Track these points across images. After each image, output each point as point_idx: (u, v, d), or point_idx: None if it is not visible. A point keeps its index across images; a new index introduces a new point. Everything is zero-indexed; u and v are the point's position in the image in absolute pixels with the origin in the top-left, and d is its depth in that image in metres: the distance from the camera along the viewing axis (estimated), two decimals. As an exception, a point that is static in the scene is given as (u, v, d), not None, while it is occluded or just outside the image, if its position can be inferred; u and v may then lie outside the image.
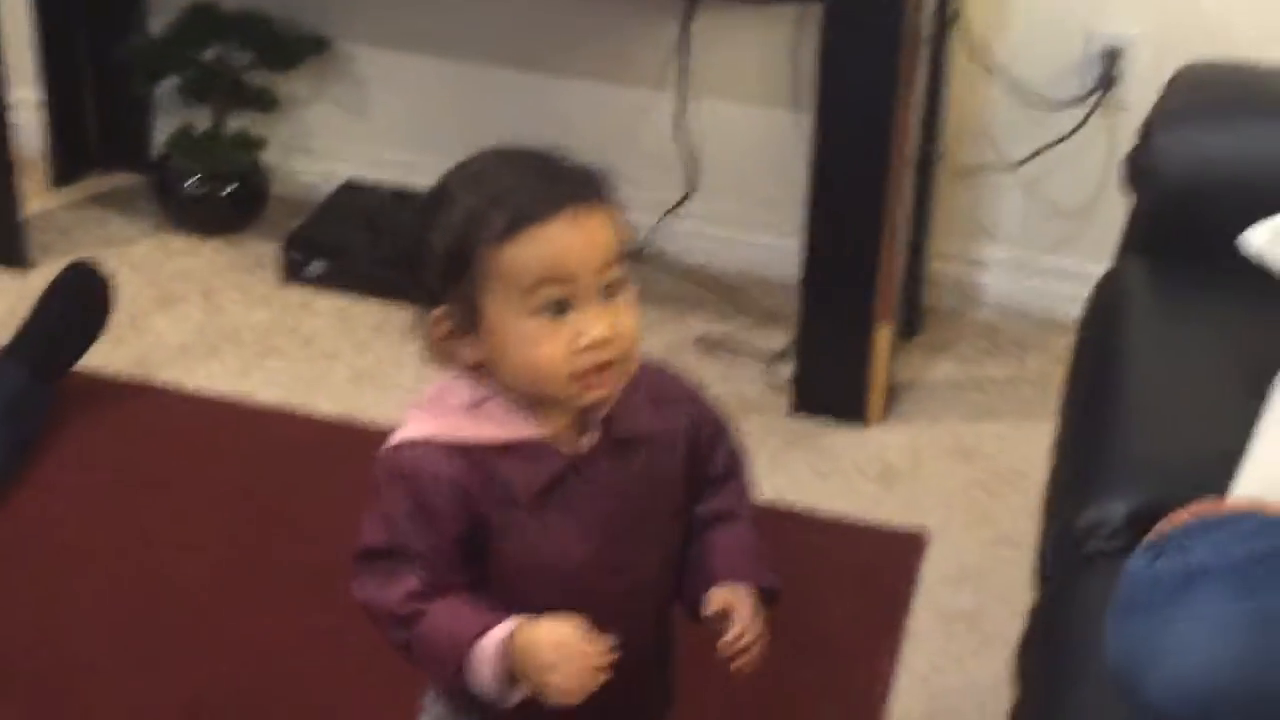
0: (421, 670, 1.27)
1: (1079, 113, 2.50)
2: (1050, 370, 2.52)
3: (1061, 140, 2.52)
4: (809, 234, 2.31)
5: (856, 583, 2.06)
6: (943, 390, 2.48)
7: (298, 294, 2.60)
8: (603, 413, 1.27)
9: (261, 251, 2.70)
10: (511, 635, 1.22)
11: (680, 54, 2.61)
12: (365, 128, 2.80)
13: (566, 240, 1.21)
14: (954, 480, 2.27)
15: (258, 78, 2.75)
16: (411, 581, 1.24)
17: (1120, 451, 1.55)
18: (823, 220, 2.29)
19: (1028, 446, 2.34)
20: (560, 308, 1.22)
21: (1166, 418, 1.58)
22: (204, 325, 2.52)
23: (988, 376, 2.52)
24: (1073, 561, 1.48)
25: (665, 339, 2.54)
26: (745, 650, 1.31)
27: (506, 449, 1.25)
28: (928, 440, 2.36)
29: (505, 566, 1.27)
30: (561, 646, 1.21)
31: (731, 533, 1.34)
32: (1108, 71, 2.48)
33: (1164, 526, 1.37)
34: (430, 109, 2.71)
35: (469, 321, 1.24)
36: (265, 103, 2.76)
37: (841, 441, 2.34)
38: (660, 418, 1.31)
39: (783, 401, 2.40)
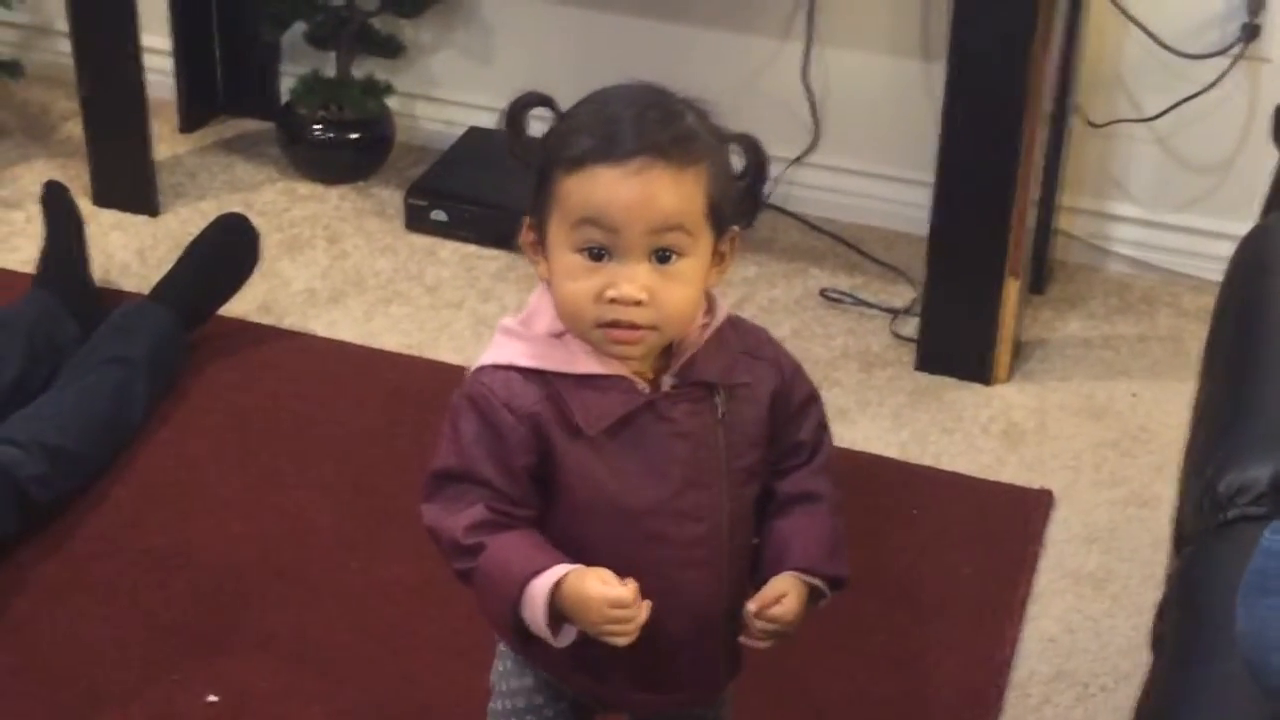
0: (480, 603, 1.27)
1: (1219, 65, 2.43)
2: (1181, 328, 2.47)
3: (1199, 93, 2.45)
4: (939, 186, 2.27)
5: (982, 541, 2.04)
6: (1071, 347, 2.43)
7: (422, 241, 2.61)
8: (684, 356, 1.26)
9: (386, 198, 2.71)
10: (560, 582, 1.22)
11: (808, 2, 2.57)
12: (490, 75, 2.79)
13: (621, 190, 1.19)
14: (1082, 440, 2.23)
15: (384, 24, 2.75)
16: (477, 511, 1.24)
17: (1266, 414, 1.50)
18: (954, 172, 2.25)
19: (1158, 406, 2.29)
20: (599, 253, 1.21)
21: (1315, 380, 1.53)
22: (329, 271, 2.54)
23: (1117, 334, 2.47)
24: (1214, 526, 1.44)
25: (790, 291, 2.52)
26: (764, 635, 1.30)
27: (583, 380, 1.24)
28: (1055, 399, 2.32)
29: (572, 502, 1.26)
30: (604, 602, 1.20)
31: (812, 517, 1.33)
32: (1250, 21, 2.40)
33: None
34: (555, 57, 2.70)
35: (541, 236, 1.25)
36: (391, 49, 2.76)
37: (967, 398, 2.30)
38: (746, 370, 1.30)
39: (908, 356, 2.37)
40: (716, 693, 1.39)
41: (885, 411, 2.27)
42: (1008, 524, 2.07)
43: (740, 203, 1.27)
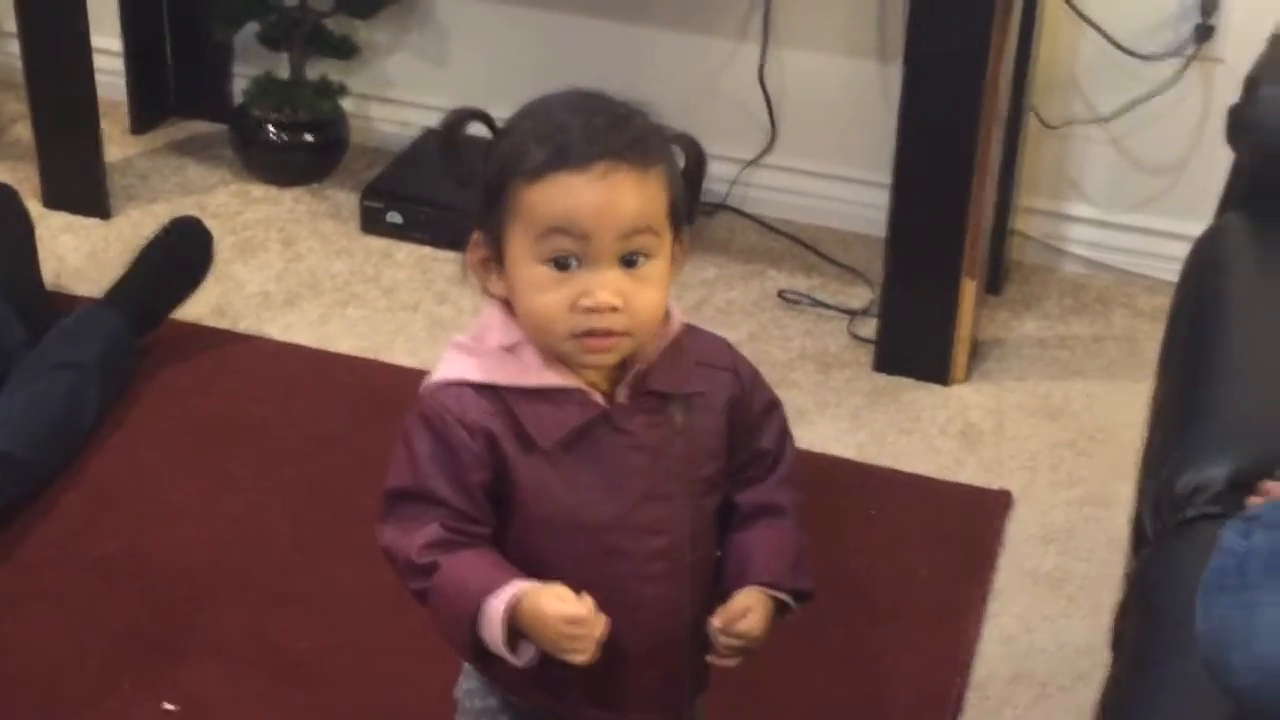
0: (437, 624, 1.25)
1: (1173, 66, 2.45)
2: (1136, 328, 2.48)
3: (1154, 94, 2.46)
4: (896, 187, 2.27)
5: (941, 542, 2.04)
6: (1027, 348, 2.44)
7: (377, 243, 2.60)
8: (639, 367, 1.25)
9: (341, 200, 2.69)
10: (517, 599, 1.20)
11: (764, 3, 2.57)
12: (445, 76, 2.78)
13: (588, 196, 1.18)
14: (1039, 440, 2.24)
15: (338, 24, 2.74)
16: (432, 530, 1.23)
17: (1222, 413, 1.51)
18: (910, 173, 2.25)
19: (1114, 406, 2.30)
20: (568, 262, 1.19)
21: (1270, 378, 1.54)
22: (284, 274, 2.52)
23: (1073, 334, 2.48)
24: (1172, 525, 1.45)
25: (748, 293, 2.52)
26: (731, 653, 1.29)
27: (537, 394, 1.23)
28: (1012, 399, 2.32)
29: (528, 517, 1.25)
30: (560, 619, 1.19)
31: (775, 530, 1.32)
32: (1204, 23, 2.42)
33: (1258, 499, 1.33)
34: (510, 58, 2.69)
35: (497, 252, 1.23)
36: (345, 50, 2.75)
37: (924, 399, 2.31)
38: (702, 379, 1.28)
39: (866, 357, 2.37)
40: (683, 711, 1.37)
41: (843, 412, 2.28)
42: (966, 524, 2.07)
43: (686, 202, 1.27)
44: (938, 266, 2.29)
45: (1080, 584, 1.99)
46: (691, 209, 1.29)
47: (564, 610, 1.19)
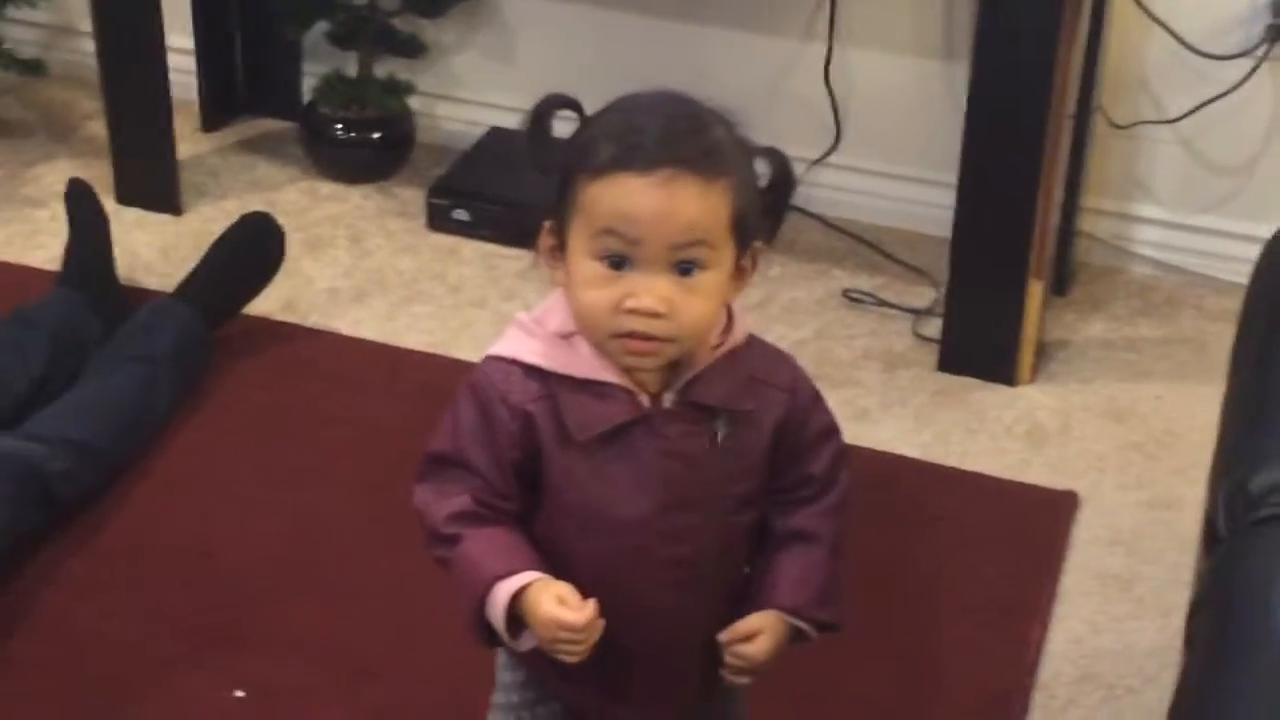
0: (454, 593, 1.27)
1: (1243, 66, 2.42)
2: (1205, 330, 2.46)
3: (1223, 95, 2.44)
4: (962, 187, 2.27)
5: (1007, 542, 2.03)
6: (1094, 349, 2.43)
7: (444, 240, 2.61)
8: (689, 374, 1.25)
9: (408, 198, 2.71)
10: (522, 591, 1.22)
11: (830, 2, 2.57)
12: (511, 75, 2.80)
13: (644, 200, 1.17)
14: (1106, 442, 2.23)
15: (405, 24, 2.76)
16: (462, 500, 1.25)
17: (1296, 413, 1.50)
18: (977, 173, 2.25)
19: (1182, 408, 2.29)
20: (619, 262, 1.19)
21: (1345, 380, 1.53)
22: (351, 270, 2.54)
23: (1141, 336, 2.46)
24: (1246, 525, 1.44)
25: (812, 292, 2.52)
26: (734, 670, 1.30)
27: (583, 385, 1.24)
28: (1079, 400, 2.31)
29: (556, 505, 1.26)
30: (553, 624, 1.21)
31: (806, 557, 1.31)
32: (1274, 22, 2.39)
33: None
34: (577, 57, 2.70)
35: (562, 242, 1.23)
36: (413, 49, 2.77)
37: (990, 399, 2.30)
38: (753, 397, 1.27)
39: (931, 357, 2.37)
40: (687, 713, 1.37)
41: (908, 412, 2.27)
42: (1032, 525, 2.07)
43: (764, 217, 1.26)
44: (1003, 267, 2.28)
45: (1148, 586, 1.98)
46: (774, 224, 1.29)
47: (558, 615, 1.21)
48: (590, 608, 1.22)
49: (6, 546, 1.88)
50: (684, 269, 1.20)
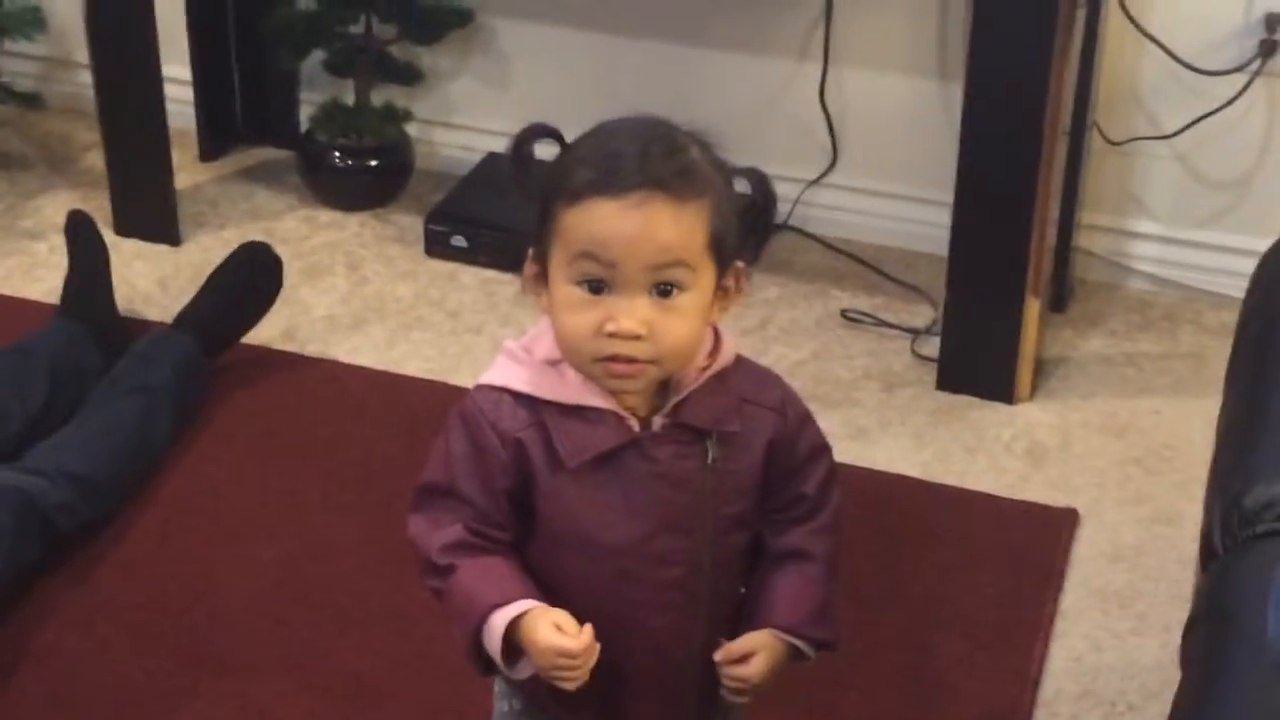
0: (448, 624, 1.28)
1: (1237, 82, 2.43)
2: (1203, 345, 2.46)
3: (1218, 110, 2.45)
4: (958, 205, 2.27)
5: (1008, 560, 2.03)
6: (1093, 366, 2.43)
7: (442, 267, 2.62)
8: (677, 397, 1.25)
9: (405, 225, 2.72)
10: (518, 619, 1.22)
11: (824, 23, 2.58)
12: (508, 101, 2.80)
13: (619, 223, 1.18)
14: (1105, 458, 2.23)
15: (402, 51, 2.77)
16: (455, 530, 1.25)
17: (1291, 428, 1.50)
18: (973, 191, 2.25)
19: (1182, 423, 2.29)
20: (598, 286, 1.20)
21: (1340, 394, 1.52)
22: (350, 297, 2.55)
23: (1139, 351, 2.46)
24: (1242, 541, 1.44)
25: (810, 312, 2.52)
26: (737, 692, 1.30)
27: (572, 411, 1.24)
28: (1078, 417, 2.31)
29: (548, 531, 1.26)
30: (550, 651, 1.21)
31: (801, 576, 1.31)
32: (1268, 38, 2.40)
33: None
34: (572, 82, 2.71)
35: (544, 268, 1.24)
36: (409, 76, 2.78)
37: (989, 417, 2.30)
38: (742, 417, 1.28)
39: (929, 376, 2.37)
40: None
41: (907, 431, 2.27)
42: (1033, 543, 2.06)
43: (746, 237, 1.26)
44: (1001, 284, 2.28)
45: (1149, 602, 1.98)
46: (758, 244, 1.30)
47: (556, 643, 1.21)
48: (587, 633, 1.22)
49: (6, 580, 1.88)
50: (663, 290, 1.20)
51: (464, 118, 2.85)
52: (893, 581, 1.99)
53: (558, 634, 1.22)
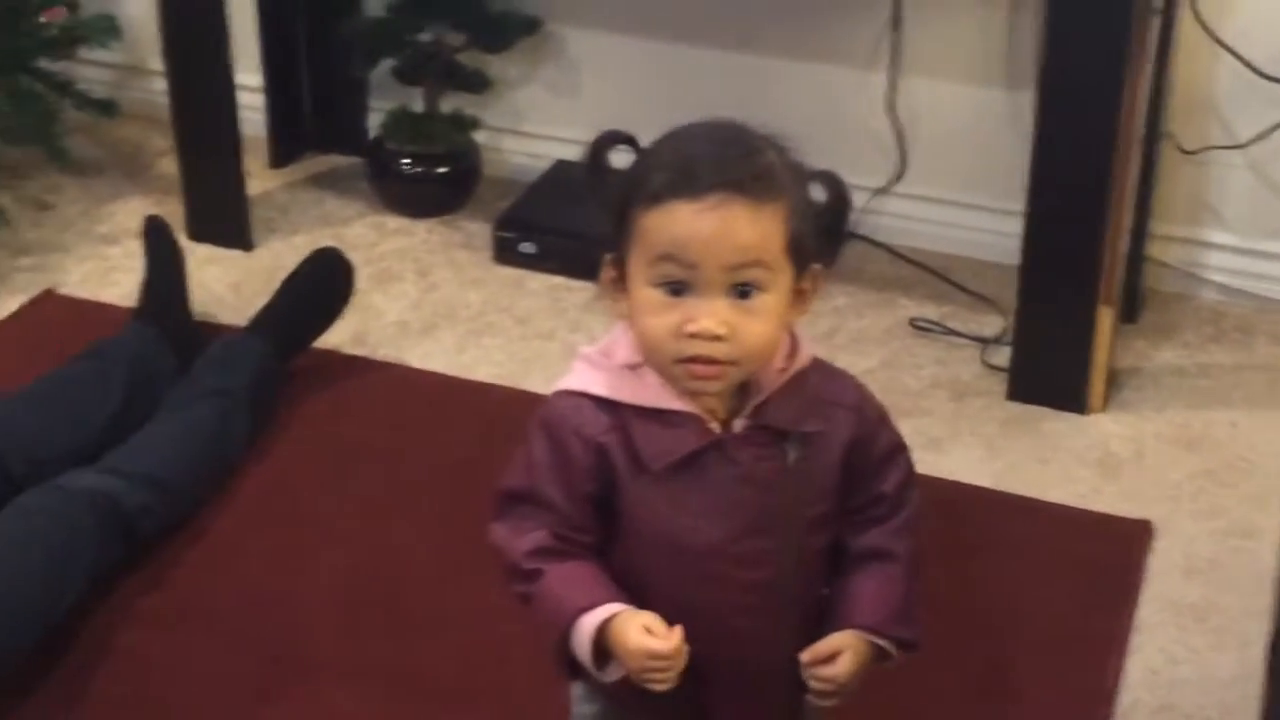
0: (536, 628, 1.28)
1: (1313, 90, 2.41)
2: (1279, 356, 2.44)
3: (1293, 119, 2.43)
4: (1030, 215, 2.26)
5: (1081, 572, 2.02)
6: (1166, 377, 2.41)
7: (510, 273, 2.63)
8: (758, 398, 1.26)
9: (474, 231, 2.73)
10: (607, 622, 1.23)
11: (893, 32, 2.57)
12: (576, 108, 2.81)
13: (697, 226, 1.19)
14: (1180, 470, 2.21)
15: (471, 59, 2.78)
16: (540, 535, 1.26)
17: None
18: (1045, 201, 2.24)
19: (1257, 435, 2.27)
20: (678, 288, 1.21)
21: None
22: (420, 303, 2.56)
23: (1213, 363, 2.44)
24: (1329, 555, 1.43)
25: (879, 321, 2.52)
26: (824, 694, 1.29)
27: (654, 415, 1.25)
28: (1151, 428, 2.29)
29: (632, 534, 1.27)
30: (642, 653, 1.21)
31: (886, 576, 1.31)
32: (1345, 47, 2.38)
33: None
34: (640, 90, 2.72)
35: (622, 273, 1.25)
36: (478, 84, 2.79)
37: (1061, 428, 2.29)
38: (822, 418, 1.28)
39: (1000, 386, 2.36)
40: None
41: (978, 441, 2.26)
42: (1107, 555, 2.05)
43: (822, 240, 1.27)
44: (1073, 294, 2.27)
45: (1226, 616, 1.96)
46: (833, 246, 1.30)
47: (646, 645, 1.22)
48: (677, 634, 1.23)
49: (90, 582, 1.90)
50: (742, 292, 1.21)
51: (532, 125, 2.86)
52: (966, 594, 1.98)
53: (648, 636, 1.22)
